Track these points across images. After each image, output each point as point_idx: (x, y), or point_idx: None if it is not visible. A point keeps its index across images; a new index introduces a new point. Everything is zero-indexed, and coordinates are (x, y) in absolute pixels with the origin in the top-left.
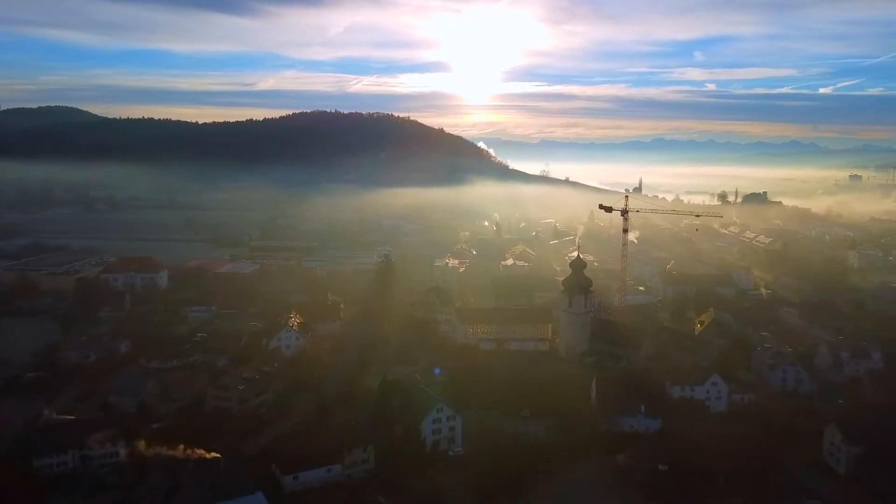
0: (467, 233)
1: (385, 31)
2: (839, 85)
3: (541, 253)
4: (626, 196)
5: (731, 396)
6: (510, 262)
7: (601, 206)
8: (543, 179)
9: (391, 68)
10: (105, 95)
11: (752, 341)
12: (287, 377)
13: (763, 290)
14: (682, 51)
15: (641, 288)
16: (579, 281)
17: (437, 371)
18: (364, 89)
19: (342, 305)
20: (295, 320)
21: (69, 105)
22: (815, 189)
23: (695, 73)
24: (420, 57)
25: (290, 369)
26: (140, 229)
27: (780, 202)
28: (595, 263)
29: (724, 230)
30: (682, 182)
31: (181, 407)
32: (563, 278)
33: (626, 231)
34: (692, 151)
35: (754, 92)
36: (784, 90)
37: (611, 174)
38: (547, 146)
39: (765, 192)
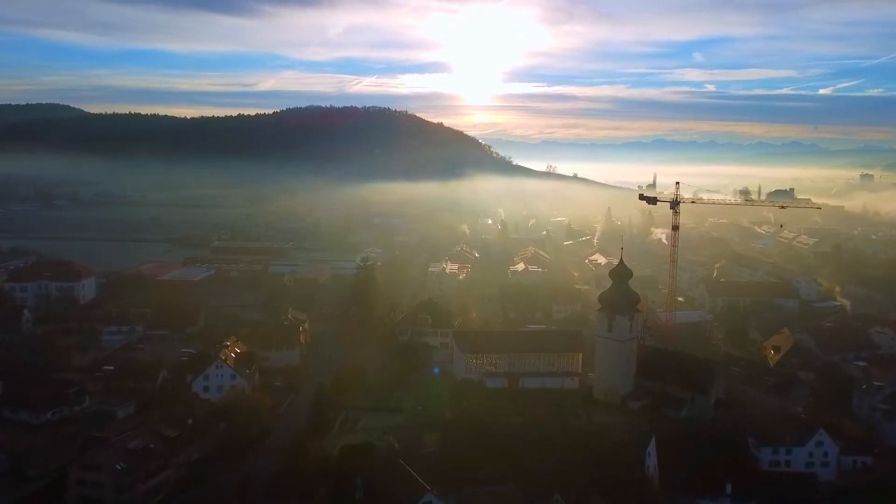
0: (465, 226)
1: (384, 31)
2: (839, 86)
3: (554, 256)
4: (677, 184)
5: (840, 459)
6: (520, 266)
7: (642, 197)
8: (550, 175)
9: (391, 69)
10: (105, 96)
11: (848, 375)
12: (206, 439)
13: (845, 302)
14: (681, 51)
15: (681, 299)
16: (624, 296)
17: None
18: (364, 90)
19: (306, 325)
20: (231, 350)
21: (62, 103)
22: (830, 188)
23: (694, 74)
24: (419, 57)
25: (214, 426)
26: (98, 228)
27: (809, 199)
28: None
29: (758, 229)
30: (689, 181)
31: (33, 493)
32: (586, 287)
33: (676, 228)
34: (693, 152)
35: (754, 93)
36: (784, 91)
37: (615, 174)
38: (548, 146)
39: (791, 189)
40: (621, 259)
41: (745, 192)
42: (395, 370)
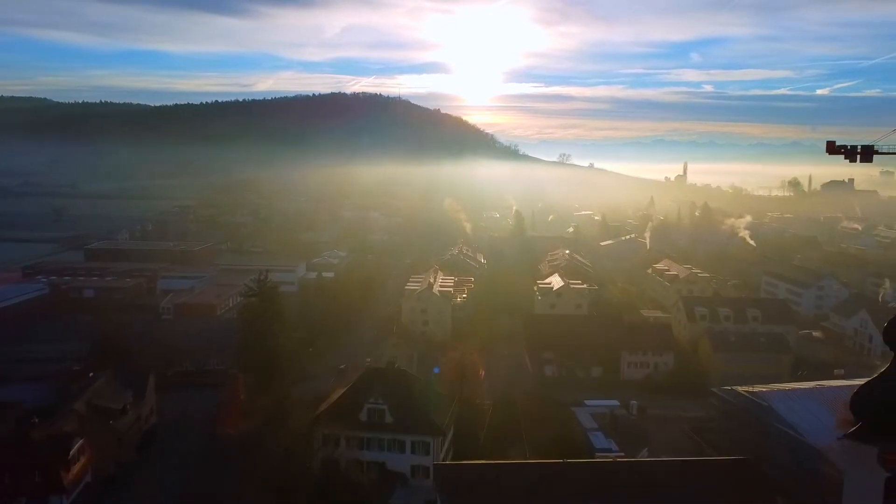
0: (463, 213)
1: (381, 32)
2: (836, 86)
3: (593, 262)
4: None
5: None
6: (555, 281)
7: (833, 150)
8: (562, 166)
9: (388, 69)
10: (104, 96)
11: None
12: None
13: None
14: (678, 52)
15: (816, 334)
16: None
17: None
18: (362, 90)
19: (130, 412)
20: None
21: (45, 97)
22: (858, 183)
23: (691, 75)
24: (417, 58)
25: None
26: None
27: (875, 191)
28: (714, 283)
29: (846, 224)
30: (698, 179)
31: None
32: (665, 315)
33: None
34: (694, 151)
35: (752, 93)
36: (781, 91)
37: (622, 171)
38: (547, 146)
39: (851, 180)
40: None
41: (794, 184)
42: None
